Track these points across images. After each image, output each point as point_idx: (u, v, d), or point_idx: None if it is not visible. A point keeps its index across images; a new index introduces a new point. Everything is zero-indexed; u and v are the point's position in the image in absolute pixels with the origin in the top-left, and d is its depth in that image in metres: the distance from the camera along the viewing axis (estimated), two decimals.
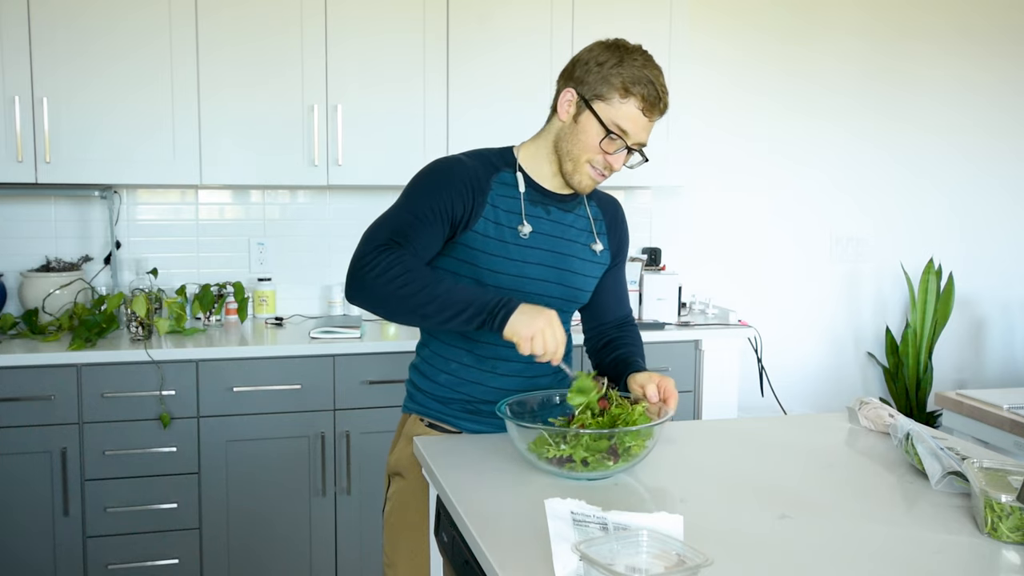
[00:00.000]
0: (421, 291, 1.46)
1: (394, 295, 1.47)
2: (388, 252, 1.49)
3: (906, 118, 3.81)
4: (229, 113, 2.78)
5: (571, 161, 1.61)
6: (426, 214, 1.54)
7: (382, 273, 1.47)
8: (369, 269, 1.48)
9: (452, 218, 1.57)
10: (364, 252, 1.51)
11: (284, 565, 2.72)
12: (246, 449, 2.65)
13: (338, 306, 3.17)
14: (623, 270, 1.84)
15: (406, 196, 1.59)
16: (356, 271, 1.50)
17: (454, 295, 1.47)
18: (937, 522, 1.27)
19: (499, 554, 1.13)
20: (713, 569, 1.05)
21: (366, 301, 1.51)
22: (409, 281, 1.47)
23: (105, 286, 3.01)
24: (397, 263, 1.48)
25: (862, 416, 1.78)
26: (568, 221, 1.69)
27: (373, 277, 1.48)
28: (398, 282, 1.47)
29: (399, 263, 1.48)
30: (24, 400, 2.48)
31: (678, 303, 3.13)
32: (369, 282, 1.48)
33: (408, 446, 1.68)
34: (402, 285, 1.47)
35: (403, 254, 1.50)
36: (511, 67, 2.99)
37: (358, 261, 1.50)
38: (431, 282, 1.47)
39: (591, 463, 1.38)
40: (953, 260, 3.88)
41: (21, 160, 2.64)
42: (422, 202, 1.55)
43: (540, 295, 1.64)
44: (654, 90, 1.55)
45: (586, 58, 1.59)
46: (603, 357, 1.78)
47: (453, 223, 1.57)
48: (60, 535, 2.53)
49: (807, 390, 3.79)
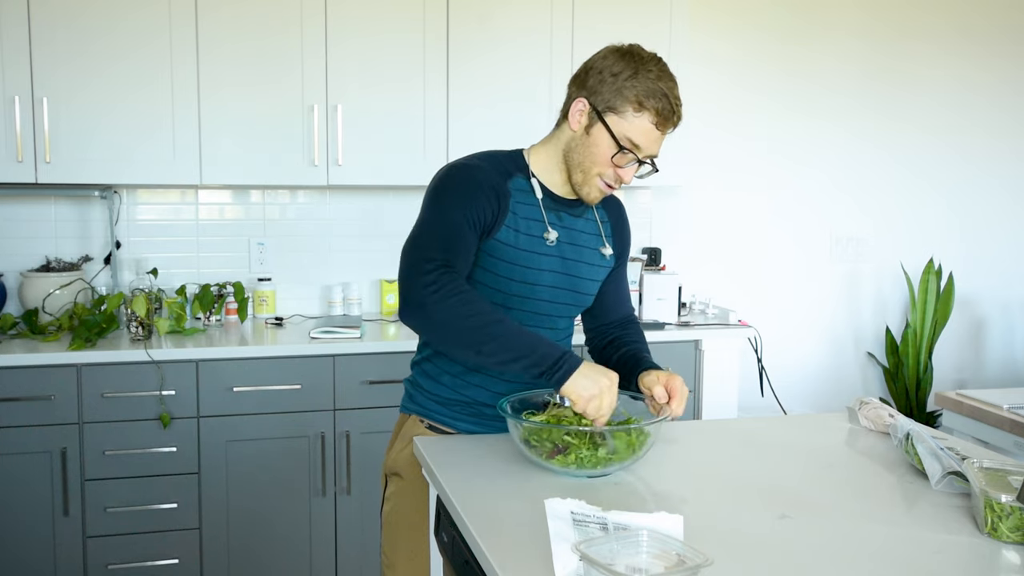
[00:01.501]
0: (483, 327, 1.44)
1: (455, 325, 1.44)
2: (446, 273, 1.46)
3: (906, 118, 3.81)
4: (229, 113, 2.78)
5: (581, 172, 1.59)
6: (463, 226, 1.51)
7: (445, 298, 1.44)
8: (431, 291, 1.44)
9: (483, 226, 1.54)
10: (421, 268, 1.46)
11: (284, 565, 2.72)
12: (246, 449, 2.65)
13: (338, 306, 3.17)
14: (625, 269, 1.83)
15: (438, 207, 1.54)
16: (417, 290, 1.45)
17: (516, 340, 1.45)
18: (937, 522, 1.27)
19: (499, 554, 1.13)
20: (713, 569, 1.05)
21: (424, 323, 1.47)
22: (473, 313, 1.44)
23: (105, 286, 3.01)
24: (458, 289, 1.44)
25: (862, 416, 1.78)
26: (579, 227, 1.68)
27: (435, 301, 1.44)
28: (462, 312, 1.44)
29: (460, 290, 1.45)
30: (24, 400, 2.48)
31: (678, 303, 3.13)
32: (431, 305, 1.44)
33: (407, 446, 1.67)
34: (466, 316, 1.44)
35: (461, 280, 1.47)
36: (511, 67, 2.99)
37: (415, 280, 1.46)
38: (493, 320, 1.45)
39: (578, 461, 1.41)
40: (953, 260, 3.88)
41: (21, 160, 2.64)
42: (457, 212, 1.51)
43: (551, 301, 1.63)
44: (668, 104, 1.52)
45: (600, 66, 1.55)
46: (608, 355, 1.77)
47: (482, 231, 1.55)
48: (60, 535, 2.53)
49: (807, 390, 3.79)
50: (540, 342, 1.46)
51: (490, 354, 1.46)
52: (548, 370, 1.44)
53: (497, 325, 1.45)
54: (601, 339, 1.80)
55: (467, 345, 1.47)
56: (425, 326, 1.48)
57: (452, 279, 1.46)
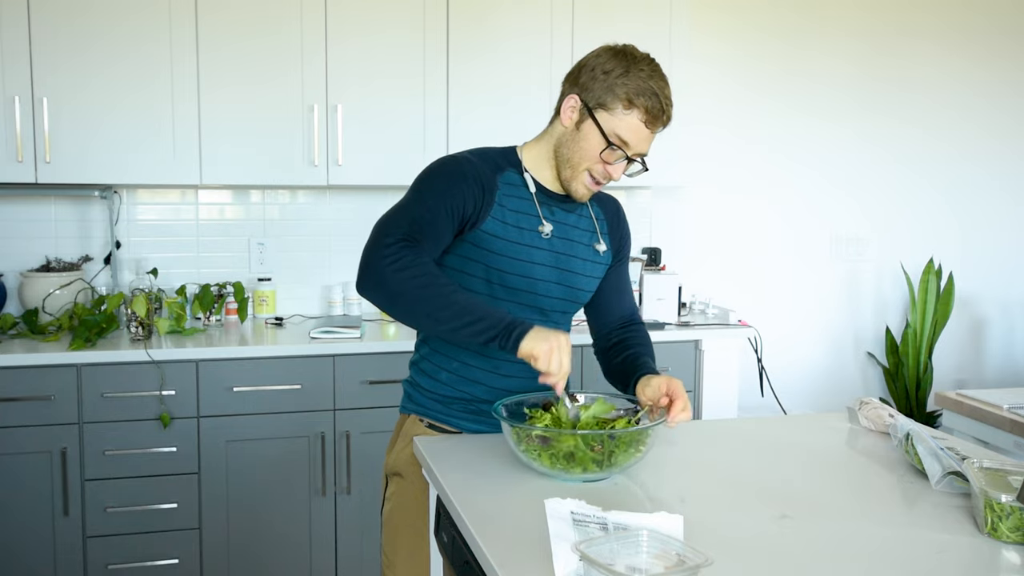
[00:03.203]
0: (438, 294, 1.45)
1: (410, 293, 1.45)
2: (407, 247, 1.47)
3: (906, 118, 3.81)
4: (229, 113, 2.78)
5: (570, 168, 1.61)
6: (439, 211, 1.52)
7: (402, 269, 1.44)
8: (389, 262, 1.45)
9: (463, 216, 1.55)
10: (382, 243, 1.47)
11: (284, 565, 2.72)
12: (246, 449, 2.65)
13: (338, 306, 3.17)
14: (626, 269, 1.83)
15: (417, 192, 1.57)
16: (373, 261, 1.47)
17: (471, 305, 1.45)
18: (937, 522, 1.27)
19: (499, 554, 1.13)
20: (713, 569, 1.05)
21: (379, 294, 1.48)
22: (428, 283, 1.45)
23: (105, 286, 3.01)
24: (416, 262, 1.46)
25: (862, 416, 1.78)
26: (571, 222, 1.69)
27: (392, 271, 1.45)
28: (417, 281, 1.44)
29: (418, 262, 1.46)
30: (24, 400, 2.48)
31: (678, 303, 3.14)
32: (388, 275, 1.45)
33: (407, 446, 1.67)
34: (421, 285, 1.44)
35: (421, 252, 1.48)
36: (511, 67, 2.99)
37: (375, 251, 1.47)
38: (449, 288, 1.46)
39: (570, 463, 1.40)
40: (953, 260, 3.88)
41: (21, 160, 2.64)
42: (435, 199, 1.53)
43: (544, 295, 1.64)
44: (658, 102, 1.54)
45: (592, 64, 1.57)
46: (612, 358, 1.76)
47: (463, 221, 1.56)
48: (60, 535, 2.53)
49: (807, 390, 3.79)
50: (495, 310, 1.47)
51: (446, 320, 1.45)
52: (501, 334, 1.44)
53: (453, 292, 1.46)
54: (607, 341, 1.80)
55: (423, 312, 1.47)
56: (381, 296, 1.48)
57: (411, 252, 1.47)
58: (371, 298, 1.50)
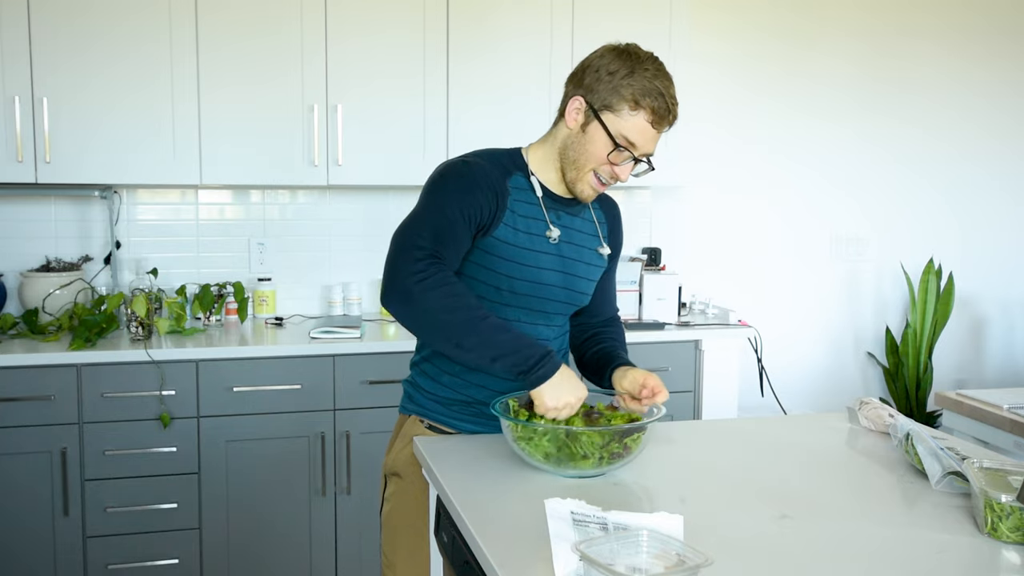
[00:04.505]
0: (466, 321, 1.44)
1: (437, 316, 1.44)
2: (435, 265, 1.46)
3: (906, 118, 3.81)
4: (229, 113, 2.78)
5: (576, 169, 1.60)
6: (458, 219, 1.51)
7: (431, 289, 1.44)
8: (418, 280, 1.44)
9: (479, 223, 1.54)
10: (410, 257, 1.46)
11: (284, 565, 2.72)
12: (246, 449, 2.65)
13: (338, 306, 3.17)
14: (615, 271, 1.85)
15: (434, 199, 1.54)
16: (401, 277, 1.45)
17: (498, 336, 1.46)
18: (937, 522, 1.27)
19: (499, 554, 1.13)
20: (713, 569, 1.05)
21: (405, 311, 1.47)
22: (457, 307, 1.44)
23: (105, 286, 3.01)
24: (446, 282, 1.45)
25: (862, 416, 1.78)
26: (576, 226, 1.69)
27: (421, 290, 1.44)
28: (446, 304, 1.44)
29: (448, 283, 1.45)
30: (24, 400, 2.48)
31: (678, 303, 3.14)
32: (416, 294, 1.44)
33: (407, 446, 1.67)
34: (450, 309, 1.44)
35: (450, 272, 1.48)
36: (511, 67, 2.99)
37: (403, 266, 1.45)
38: (477, 315, 1.45)
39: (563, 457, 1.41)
40: (953, 260, 3.88)
41: (21, 160, 2.64)
42: (453, 207, 1.51)
43: (550, 299, 1.64)
44: (664, 103, 1.53)
45: (596, 65, 1.56)
46: (585, 350, 1.78)
47: (478, 228, 1.55)
48: (60, 535, 2.53)
49: (807, 390, 3.79)
50: (521, 343, 1.47)
51: (470, 348, 1.46)
52: (527, 370, 1.46)
53: (481, 321, 1.45)
54: (581, 334, 1.81)
55: (447, 338, 1.47)
56: (407, 314, 1.48)
57: (440, 270, 1.46)
58: (395, 312, 1.49)
